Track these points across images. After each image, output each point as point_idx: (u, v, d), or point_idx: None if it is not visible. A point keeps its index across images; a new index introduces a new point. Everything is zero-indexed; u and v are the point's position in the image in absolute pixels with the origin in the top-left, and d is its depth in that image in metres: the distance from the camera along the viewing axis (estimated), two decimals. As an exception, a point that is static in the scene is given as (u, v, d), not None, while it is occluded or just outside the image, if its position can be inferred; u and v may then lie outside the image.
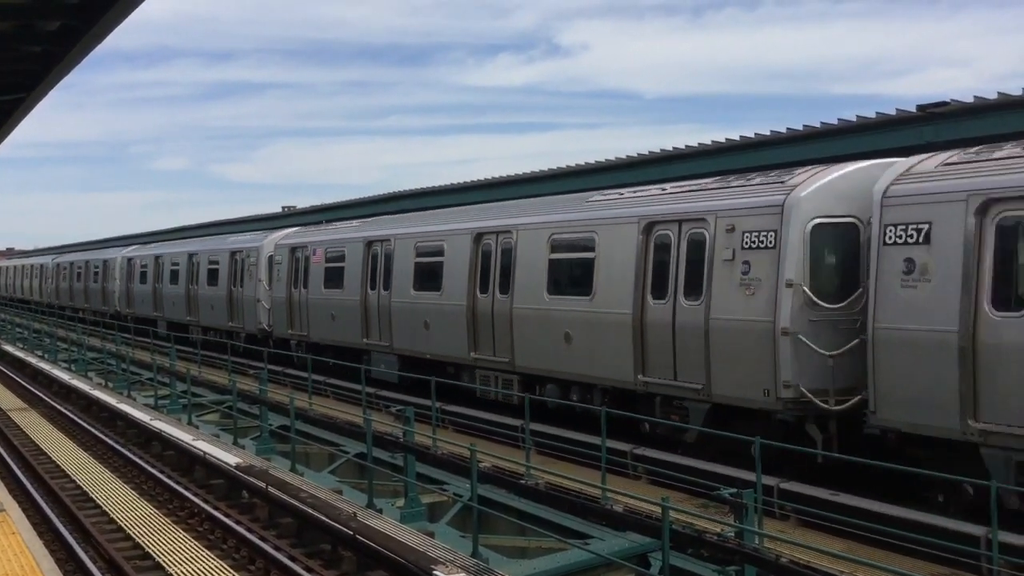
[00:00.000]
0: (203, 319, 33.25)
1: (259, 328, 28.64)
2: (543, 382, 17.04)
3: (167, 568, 11.25)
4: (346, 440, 17.89)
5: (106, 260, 45.90)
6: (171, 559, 11.52)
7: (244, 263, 29.85)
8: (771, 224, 12.82)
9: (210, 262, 32.61)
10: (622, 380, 15.04)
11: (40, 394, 26.64)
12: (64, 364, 32.04)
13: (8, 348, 38.14)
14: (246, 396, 21.24)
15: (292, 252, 26.70)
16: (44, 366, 31.30)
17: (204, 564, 11.27)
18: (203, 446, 16.73)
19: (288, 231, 29.42)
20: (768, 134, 17.85)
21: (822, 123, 16.88)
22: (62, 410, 23.64)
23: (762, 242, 12.94)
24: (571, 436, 16.00)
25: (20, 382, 29.60)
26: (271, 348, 26.68)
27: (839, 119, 16.58)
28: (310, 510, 12.59)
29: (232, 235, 35.71)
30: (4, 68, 11.41)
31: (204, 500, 14.48)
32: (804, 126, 17.21)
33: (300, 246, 26.44)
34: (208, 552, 11.86)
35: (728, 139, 18.93)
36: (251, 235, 32.26)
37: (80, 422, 21.77)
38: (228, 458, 15.72)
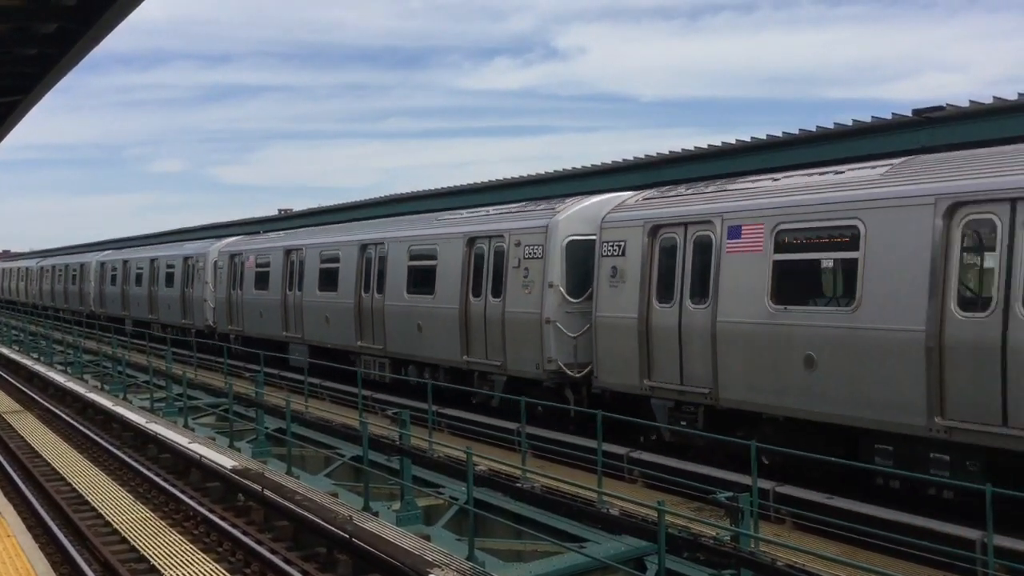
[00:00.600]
0: (162, 317, 37.19)
1: (206, 324, 32.56)
2: (406, 364, 21.27)
3: (163, 571, 11.23)
4: (342, 443, 17.89)
5: (82, 264, 49.09)
6: (167, 562, 11.50)
7: (194, 268, 33.55)
8: (540, 240, 17.01)
9: (168, 266, 36.30)
10: (454, 360, 19.10)
11: (36, 397, 26.60)
12: (60, 366, 32.00)
13: (3, 350, 38.07)
14: (242, 399, 21.23)
15: (231, 258, 30.78)
16: (40, 368, 31.25)
17: (200, 567, 11.25)
18: (199, 449, 16.71)
19: (230, 240, 33.69)
20: (765, 138, 17.88)
21: (818, 127, 16.91)
22: (58, 413, 23.60)
23: (535, 253, 17.08)
24: (567, 440, 16.03)
25: (16, 384, 29.55)
26: (215, 341, 30.08)
27: (835, 123, 16.62)
28: (306, 513, 12.58)
29: (188, 242, 39.59)
30: (1, 70, 11.40)
31: (200, 503, 14.45)
32: (800, 130, 17.25)
33: (237, 253, 30.60)
34: (204, 555, 11.84)
35: (724, 143, 18.97)
36: (202, 243, 36.10)
37: (76, 425, 21.73)
38: (224, 461, 15.71)
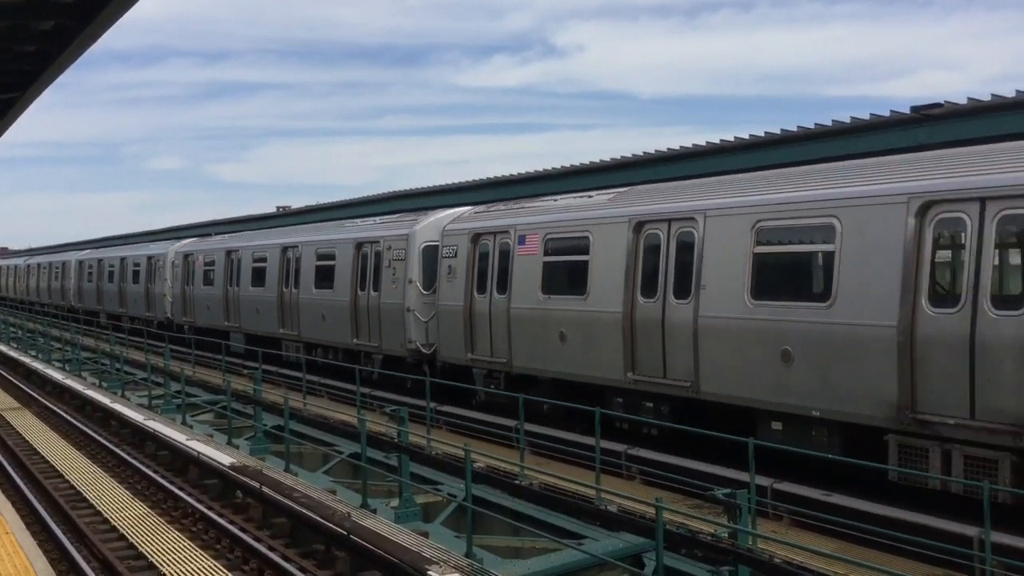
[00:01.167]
0: (130, 310, 41.20)
1: (165, 316, 36.43)
2: (315, 347, 25.41)
3: (161, 568, 11.23)
4: (340, 440, 17.90)
5: (64, 262, 53.39)
6: (165, 559, 11.51)
7: (156, 266, 37.68)
8: (404, 245, 21.35)
9: (135, 265, 40.39)
10: (347, 343, 23.48)
11: (34, 394, 26.59)
12: (58, 364, 31.98)
13: (2, 348, 38.05)
14: (240, 396, 21.23)
15: (185, 258, 34.75)
16: (38, 366, 31.24)
17: (198, 564, 11.26)
18: (197, 446, 16.71)
19: (186, 241, 37.95)
20: (763, 135, 17.88)
21: (816, 124, 16.91)
22: (56, 410, 23.59)
23: (400, 256, 21.37)
24: (565, 437, 16.03)
25: (14, 382, 29.54)
26: (174, 332, 33.34)
27: (833, 120, 16.62)
28: (304, 510, 12.58)
29: (153, 243, 43.26)
30: (-3, 67, 11.39)
31: (198, 500, 14.47)
32: (798, 127, 17.24)
33: (189, 253, 34.63)
34: (202, 552, 11.84)
35: (723, 140, 18.96)
36: (163, 244, 39.85)
37: (74, 422, 21.72)
38: (222, 458, 15.71)
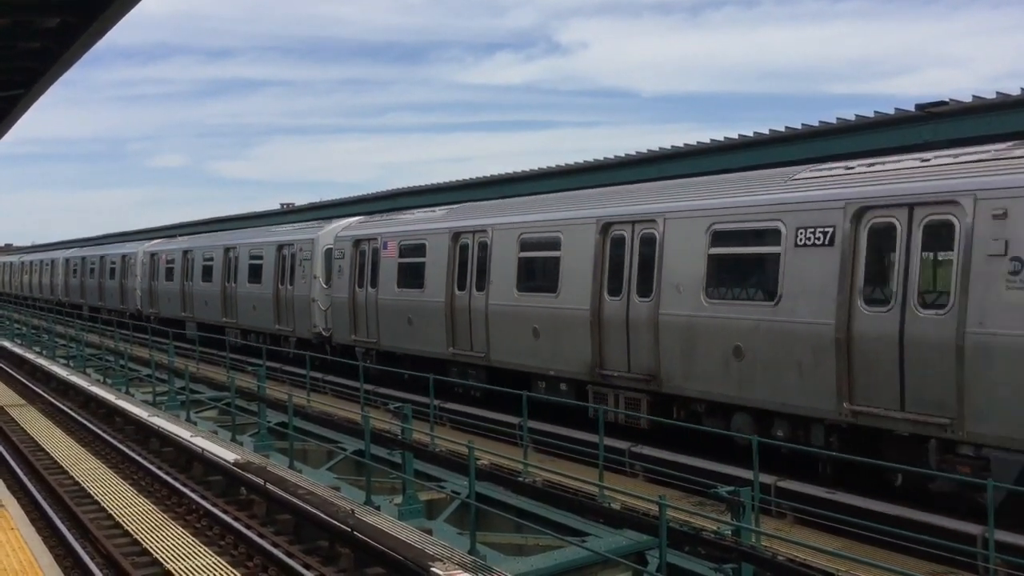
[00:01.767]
0: (107, 304, 45.26)
1: (136, 309, 40.57)
2: (248, 332, 29.77)
3: (165, 564, 11.25)
4: (344, 437, 17.92)
5: (53, 260, 58.22)
6: (169, 555, 11.53)
7: (128, 264, 41.87)
8: (311, 247, 25.85)
9: (111, 262, 44.64)
10: (271, 329, 27.84)
11: (38, 390, 26.64)
12: (63, 360, 32.04)
13: (6, 344, 38.12)
14: (244, 393, 21.26)
15: (152, 257, 39.13)
16: (42, 362, 31.30)
17: (202, 560, 11.28)
18: (201, 443, 16.74)
19: (155, 242, 42.62)
20: (767, 133, 17.86)
21: (821, 122, 16.89)
22: (60, 406, 23.63)
23: (308, 256, 25.86)
24: (569, 434, 16.02)
25: (18, 378, 29.60)
26: (142, 322, 37.31)
27: (838, 118, 16.60)
28: (308, 507, 12.60)
29: (128, 243, 48.08)
30: (2, 65, 11.39)
31: (202, 497, 14.48)
32: (803, 125, 17.22)
33: (155, 252, 39.03)
34: (206, 548, 11.86)
35: (727, 138, 18.94)
36: (135, 244, 44.92)
37: (78, 418, 21.77)
38: (226, 455, 15.73)
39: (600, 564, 10.96)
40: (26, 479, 15.91)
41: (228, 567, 11.06)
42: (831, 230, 12.14)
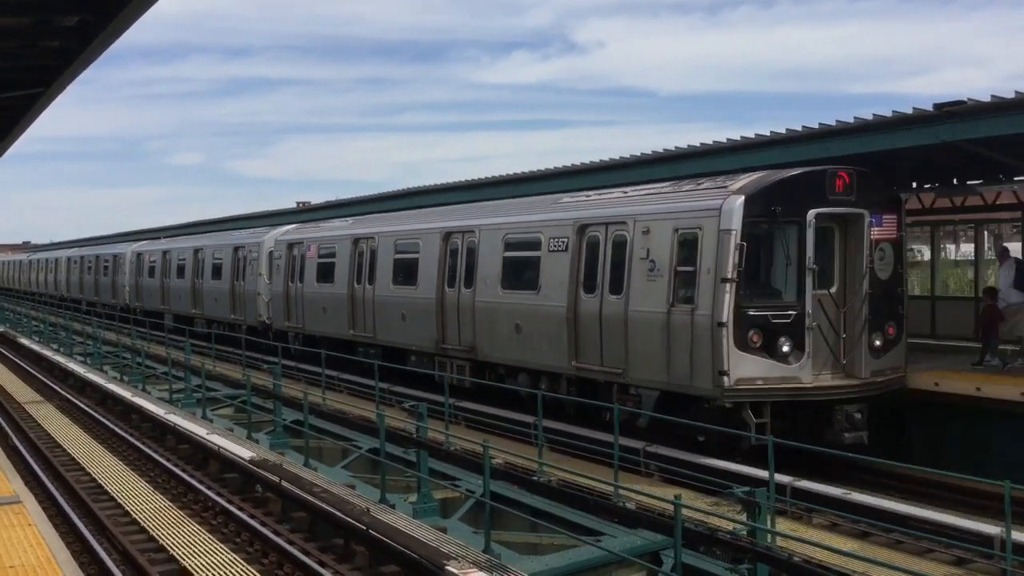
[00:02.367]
0: (101, 298, 49.76)
1: (124, 303, 44.75)
2: (212, 322, 33.38)
3: (181, 561, 11.30)
4: (359, 435, 17.95)
5: (57, 258, 62.96)
6: (185, 552, 11.58)
7: (119, 262, 46.37)
8: (257, 250, 30.26)
9: (105, 261, 49.51)
10: (228, 319, 32.42)
11: (55, 387, 26.80)
12: (80, 358, 32.22)
13: (24, 341, 38.37)
14: (260, 391, 21.33)
15: (139, 256, 43.65)
16: (60, 359, 31.48)
17: (218, 557, 11.32)
18: (217, 440, 16.79)
19: (141, 243, 46.78)
20: (784, 132, 17.77)
21: (838, 121, 16.79)
22: (77, 403, 23.77)
23: (255, 257, 30.30)
24: (584, 433, 16.03)
25: (36, 375, 29.79)
26: (130, 315, 40.12)
27: (856, 117, 16.49)
28: (323, 505, 12.63)
29: (119, 243, 52.32)
30: (22, 63, 11.46)
31: (218, 494, 14.54)
32: (820, 124, 17.13)
33: (142, 252, 43.50)
34: (222, 545, 11.91)
35: (743, 137, 18.85)
36: (124, 244, 49.54)
37: (95, 415, 21.89)
38: (242, 452, 15.78)
39: (615, 564, 10.94)
40: (43, 475, 16.01)
41: (244, 564, 11.10)
42: (567, 240, 16.92)
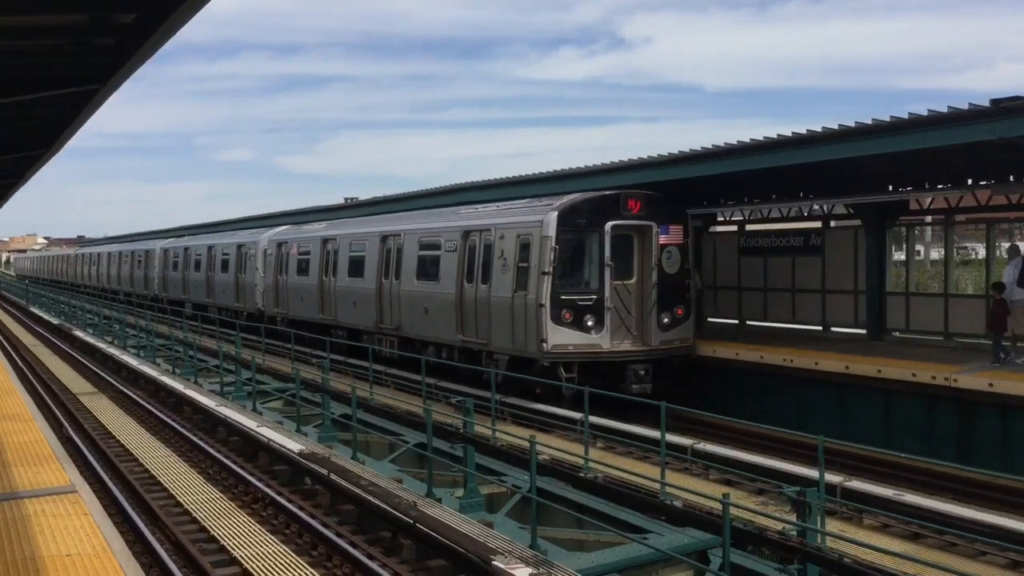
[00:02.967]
0: (136, 289, 55.05)
1: (154, 293, 50.10)
2: (220, 309, 38.25)
3: (232, 552, 11.45)
4: (406, 430, 18.05)
5: (99, 253, 70.34)
6: (236, 543, 11.73)
7: (149, 257, 52.04)
8: (254, 248, 34.77)
9: (138, 256, 55.37)
10: (232, 306, 37.96)
11: (109, 379, 27.26)
12: (133, 350, 32.76)
13: (79, 333, 39.11)
14: (309, 385, 21.53)
15: (165, 252, 49.23)
16: (113, 351, 32.02)
17: (268, 548, 11.46)
18: (267, 433, 16.98)
19: (169, 240, 52.18)
20: (836, 128, 17.53)
21: (892, 117, 16.53)
22: (130, 395, 24.16)
23: (253, 254, 34.96)
24: (630, 430, 15.98)
25: (90, 367, 30.33)
26: (159, 304, 46.48)
27: (909, 113, 16.22)
28: (371, 498, 12.71)
29: (150, 240, 58.40)
30: (78, 60, 11.62)
31: (268, 485, 14.69)
32: (873, 120, 16.87)
33: (168, 249, 49.10)
34: (271, 537, 12.04)
35: (795, 133, 18.62)
36: (153, 242, 55.18)
37: (148, 407, 22.23)
38: (291, 445, 15.94)
39: (662, 562, 10.89)
40: (98, 466, 16.29)
41: (293, 555, 11.21)
42: (456, 242, 21.97)
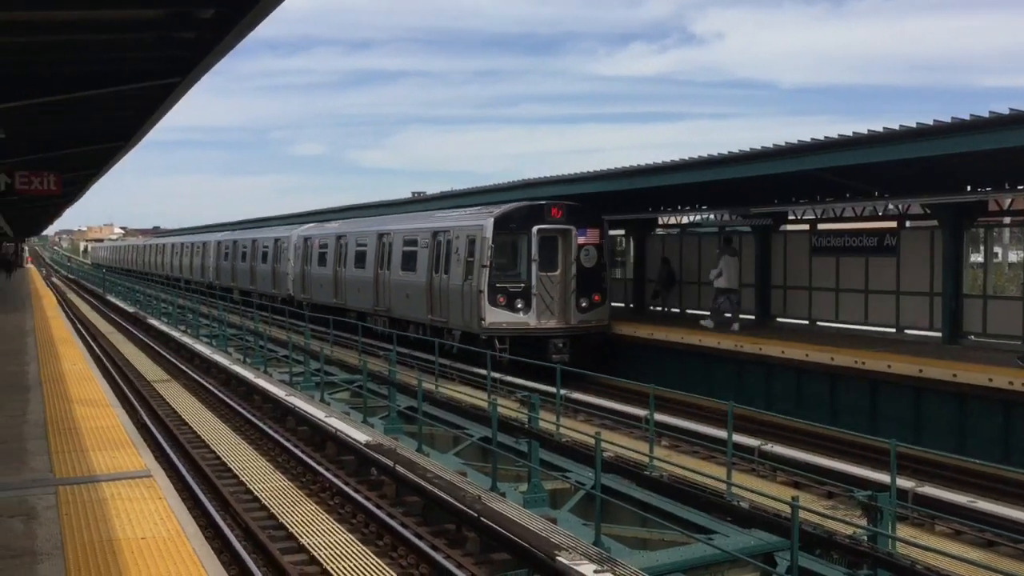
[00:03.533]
0: (194, 277, 60.69)
1: (209, 281, 55.83)
2: (260, 295, 43.65)
3: (300, 539, 11.64)
4: (470, 423, 18.14)
5: (163, 244, 77.39)
6: (303, 531, 11.92)
7: (206, 248, 58.32)
8: (287, 242, 41.01)
9: (197, 247, 61.07)
10: (269, 292, 43.21)
11: (182, 367, 27.87)
12: (205, 339, 33.43)
13: (153, 322, 40.04)
14: (375, 377, 21.75)
15: (218, 244, 55.49)
16: (187, 340, 32.71)
17: (334, 537, 11.62)
18: (335, 423, 17.19)
19: (224, 233, 58.67)
20: (914, 126, 17.16)
21: (971, 115, 16.13)
22: (203, 382, 24.67)
23: (286, 247, 41.20)
24: (697, 429, 15.87)
25: (164, 355, 31.03)
26: (209, 290, 51.60)
27: (990, 112, 15.81)
28: (436, 490, 12.80)
29: (205, 234, 66.87)
30: (159, 54, 11.90)
31: (335, 475, 14.89)
32: (953, 118, 16.48)
33: (220, 242, 55.10)
34: (338, 525, 12.21)
35: (870, 131, 18.28)
36: (208, 235, 63.41)
37: (219, 394, 22.68)
38: (358, 436, 16.12)
39: (727, 563, 10.79)
40: (171, 451, 16.67)
41: (359, 545, 11.35)
42: (428, 241, 26.95)
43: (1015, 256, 34.96)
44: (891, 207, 22.95)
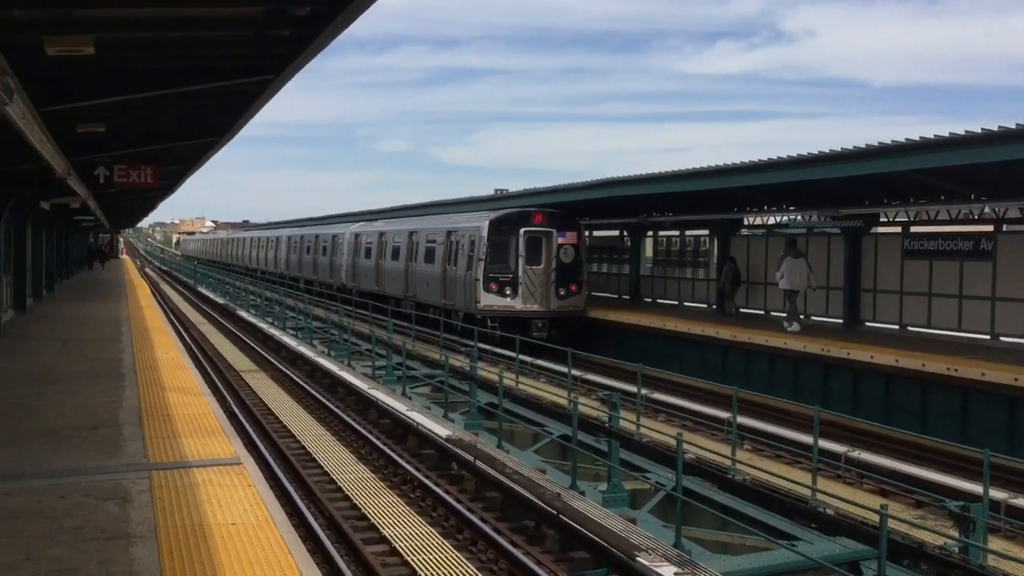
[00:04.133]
0: (268, 268, 67.61)
1: (280, 272, 62.04)
2: (317, 283, 52.07)
3: (381, 530, 11.80)
4: (550, 421, 18.16)
5: (243, 238, 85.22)
6: (385, 522, 12.08)
7: (279, 243, 65.52)
8: (340, 239, 49.14)
9: (271, 242, 69.44)
10: (327, 281, 50.34)
11: (269, 358, 28.44)
12: (292, 331, 34.09)
13: (242, 314, 40.99)
14: (457, 372, 21.92)
15: (289, 239, 62.86)
16: (274, 332, 33.42)
17: (415, 529, 11.75)
18: (416, 417, 17.38)
19: (292, 228, 66.95)
20: (1013, 127, 16.61)
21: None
22: (289, 374, 25.16)
23: (341, 242, 48.41)
24: (781, 433, 15.63)
25: (252, 346, 31.73)
26: (280, 280, 58.68)
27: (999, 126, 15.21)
28: (515, 486, 12.84)
29: (275, 230, 74.46)
30: (253, 51, 12.15)
31: (416, 468, 15.05)
32: (1018, 124, 15.90)
33: (291, 236, 62.39)
34: (419, 518, 12.34)
35: (968, 131, 17.75)
36: (279, 230, 71.22)
37: (305, 386, 23.09)
38: (439, 430, 16.26)
39: (811, 571, 10.59)
40: (258, 440, 17.05)
41: (439, 538, 11.46)
42: (443, 238, 32.73)
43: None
44: (987, 210, 22.25)
